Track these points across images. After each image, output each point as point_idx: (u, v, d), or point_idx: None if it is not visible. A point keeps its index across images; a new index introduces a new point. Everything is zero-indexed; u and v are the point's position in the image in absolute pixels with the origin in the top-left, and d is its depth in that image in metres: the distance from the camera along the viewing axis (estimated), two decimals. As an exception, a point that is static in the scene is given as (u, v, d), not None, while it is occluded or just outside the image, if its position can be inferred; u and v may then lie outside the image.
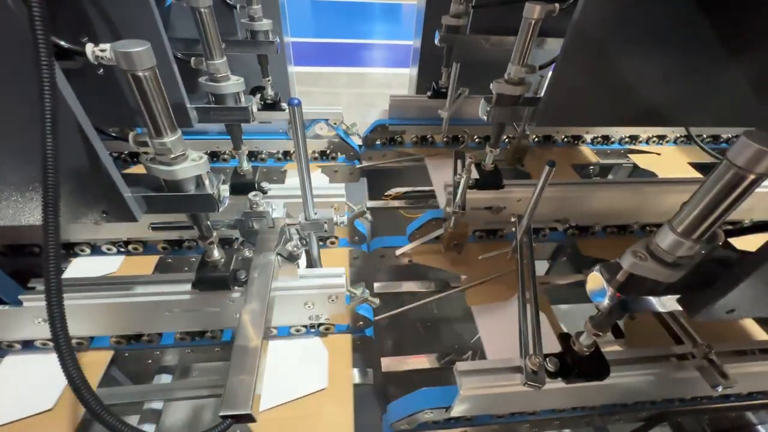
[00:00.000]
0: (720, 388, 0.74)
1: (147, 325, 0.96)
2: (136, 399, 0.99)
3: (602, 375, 0.74)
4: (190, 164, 0.65)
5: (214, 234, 0.81)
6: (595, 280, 0.60)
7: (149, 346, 1.02)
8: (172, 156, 0.63)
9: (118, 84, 0.83)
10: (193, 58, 0.95)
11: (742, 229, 0.56)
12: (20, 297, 0.84)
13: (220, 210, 0.72)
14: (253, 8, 1.25)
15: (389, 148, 1.83)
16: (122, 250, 1.20)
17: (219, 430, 0.58)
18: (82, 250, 1.18)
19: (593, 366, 0.74)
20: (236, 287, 0.88)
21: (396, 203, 1.90)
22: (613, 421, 1.03)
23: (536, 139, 1.89)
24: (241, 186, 1.10)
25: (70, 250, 1.16)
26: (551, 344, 0.83)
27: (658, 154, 1.92)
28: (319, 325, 1.04)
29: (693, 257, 0.53)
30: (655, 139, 1.96)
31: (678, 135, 1.97)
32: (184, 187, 0.68)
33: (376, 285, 1.33)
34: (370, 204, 1.81)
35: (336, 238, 1.32)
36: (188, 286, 0.88)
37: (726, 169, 0.43)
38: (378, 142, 1.82)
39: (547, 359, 0.76)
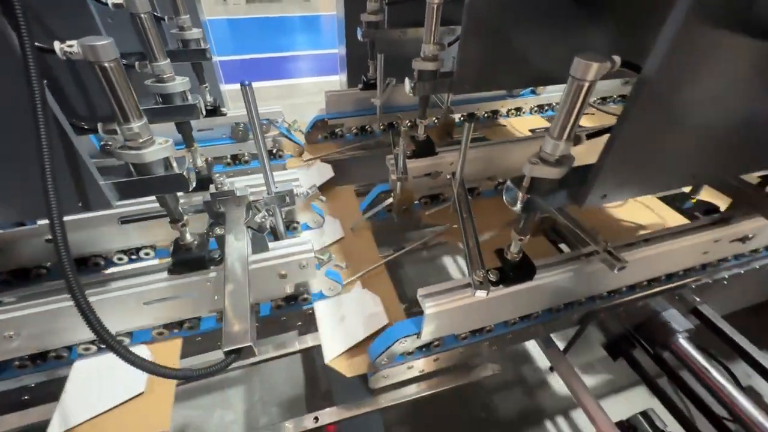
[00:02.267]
0: (617, 269, 0.96)
1: (125, 321, 0.98)
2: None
3: (531, 275, 0.93)
4: (157, 147, 0.73)
5: (185, 217, 0.88)
6: (508, 190, 0.78)
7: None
8: (141, 140, 0.71)
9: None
10: (137, 62, 1.00)
11: (595, 132, 0.76)
12: (-12, 311, 0.84)
13: (191, 189, 0.80)
14: (182, 18, 1.31)
15: (331, 141, 1.95)
16: (83, 267, 1.19)
17: (224, 365, 0.66)
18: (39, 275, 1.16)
19: (524, 269, 0.93)
20: (212, 267, 0.95)
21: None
22: (554, 327, 1.24)
23: (461, 117, 2.12)
24: (198, 182, 1.15)
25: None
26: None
27: (593, 114, 2.23)
28: (296, 296, 1.13)
29: (569, 157, 0.72)
30: (557, 105, 2.29)
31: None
32: (154, 170, 0.75)
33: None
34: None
35: (297, 223, 1.41)
36: (164, 274, 0.94)
37: (571, 82, 0.62)
38: (320, 137, 1.94)
39: (489, 272, 0.93)
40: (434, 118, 2.01)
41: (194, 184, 0.80)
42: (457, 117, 2.10)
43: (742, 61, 0.64)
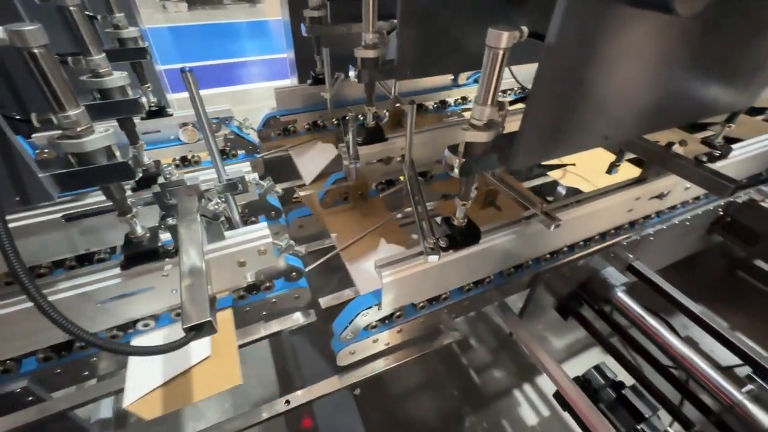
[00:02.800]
0: (553, 227, 1.06)
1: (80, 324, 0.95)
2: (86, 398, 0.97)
3: (477, 238, 1.01)
4: (98, 135, 0.72)
5: (134, 210, 0.87)
6: (447, 158, 0.85)
7: (83, 353, 1.01)
8: (80, 129, 0.70)
9: None
10: (69, 58, 0.97)
11: (518, 99, 0.85)
12: None
13: (137, 177, 0.80)
14: (116, 17, 1.28)
15: (285, 137, 1.96)
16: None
17: (184, 341, 0.67)
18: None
19: (470, 233, 1.00)
20: (168, 259, 0.95)
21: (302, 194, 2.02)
22: (507, 291, 1.34)
23: (411, 108, 2.19)
24: (145, 180, 1.13)
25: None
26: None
27: None
28: (260, 284, 1.14)
29: (497, 122, 0.80)
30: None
31: (511, 88, 2.46)
32: (96, 160, 0.74)
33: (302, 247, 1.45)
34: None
35: (256, 217, 1.41)
36: (117, 270, 0.92)
37: (488, 52, 0.70)
38: (273, 135, 1.95)
39: (439, 239, 1.00)
40: (385, 111, 2.07)
41: (140, 174, 0.80)
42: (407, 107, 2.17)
43: (631, 29, 0.75)
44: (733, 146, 1.45)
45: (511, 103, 0.86)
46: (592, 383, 1.34)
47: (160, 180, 0.90)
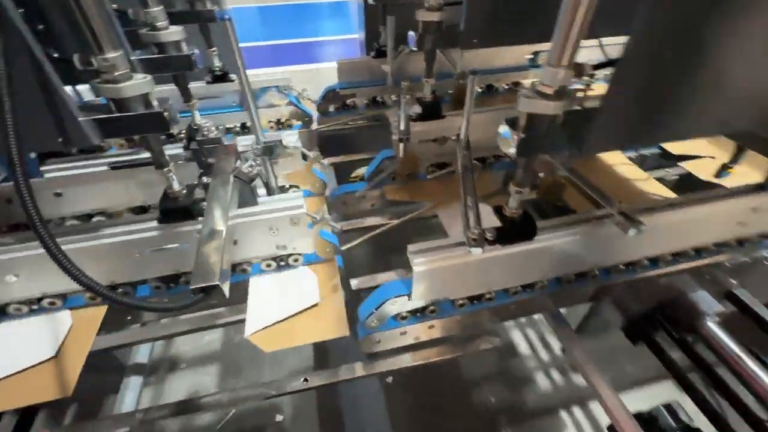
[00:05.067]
0: (632, 233, 0.86)
1: (119, 272, 0.99)
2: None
3: (531, 234, 0.85)
4: (136, 81, 0.71)
5: (172, 164, 0.87)
6: (502, 132, 0.71)
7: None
8: (117, 73, 0.69)
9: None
10: (76, 55, 0.79)
11: (603, 64, 0.67)
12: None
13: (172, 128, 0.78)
14: (182, -21, 1.30)
15: (344, 112, 1.91)
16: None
17: (191, 303, 0.64)
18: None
19: (523, 227, 0.85)
20: (201, 218, 0.94)
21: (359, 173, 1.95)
22: (564, 301, 1.16)
23: (481, 89, 2.01)
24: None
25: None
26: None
27: None
28: (288, 256, 1.11)
29: (570, 91, 0.64)
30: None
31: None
32: (133, 107, 0.73)
33: (342, 224, 1.40)
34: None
35: (297, 187, 1.38)
36: (154, 223, 0.94)
37: (569, -6, 0.54)
38: (332, 109, 1.91)
39: (486, 230, 0.86)
40: (450, 91, 1.92)
41: (177, 123, 0.79)
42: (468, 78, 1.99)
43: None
44: None
45: (596, 67, 0.68)
46: (660, 422, 1.12)
47: (199, 137, 0.89)
